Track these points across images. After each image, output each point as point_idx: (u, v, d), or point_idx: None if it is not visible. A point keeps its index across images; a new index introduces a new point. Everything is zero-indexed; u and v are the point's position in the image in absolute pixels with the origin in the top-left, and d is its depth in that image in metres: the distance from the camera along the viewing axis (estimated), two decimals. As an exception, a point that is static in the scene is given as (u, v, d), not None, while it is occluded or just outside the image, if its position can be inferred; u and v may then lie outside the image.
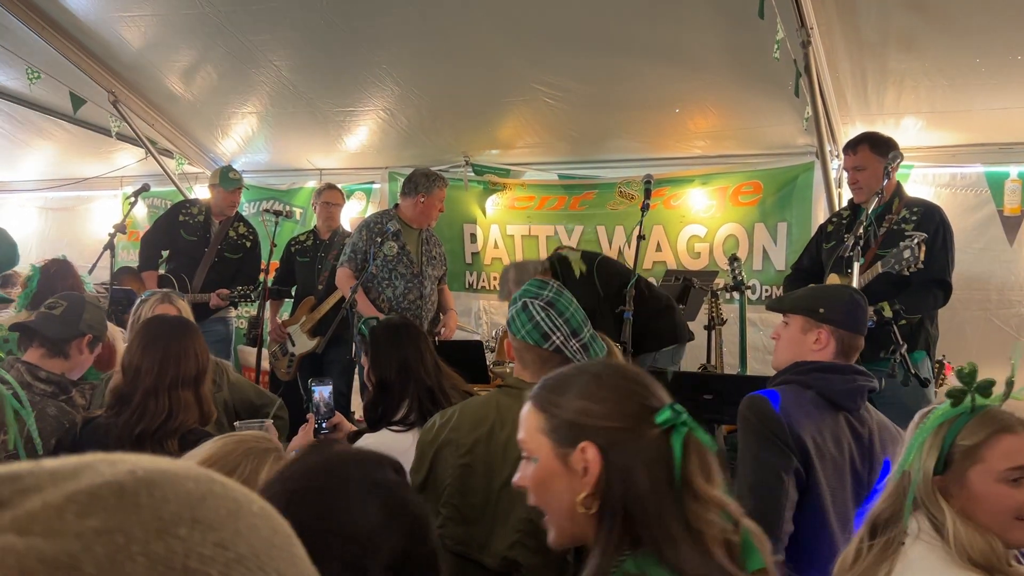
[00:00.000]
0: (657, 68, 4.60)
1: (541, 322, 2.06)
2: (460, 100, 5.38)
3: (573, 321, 2.08)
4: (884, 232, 3.72)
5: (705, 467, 1.25)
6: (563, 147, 5.69)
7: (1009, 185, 4.60)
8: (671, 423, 1.24)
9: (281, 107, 5.74)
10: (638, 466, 1.23)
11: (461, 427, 2.13)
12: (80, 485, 0.42)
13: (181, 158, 6.58)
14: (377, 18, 4.59)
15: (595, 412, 1.29)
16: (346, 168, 6.49)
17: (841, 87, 4.45)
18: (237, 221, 5.38)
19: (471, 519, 2.04)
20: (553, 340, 2.05)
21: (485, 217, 6.12)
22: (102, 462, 0.45)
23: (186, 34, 5.10)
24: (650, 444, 1.25)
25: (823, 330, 2.30)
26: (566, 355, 2.05)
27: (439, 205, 4.67)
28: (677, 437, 1.23)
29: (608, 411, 1.28)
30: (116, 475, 0.43)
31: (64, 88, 5.59)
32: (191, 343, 2.50)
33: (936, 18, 3.80)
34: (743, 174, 5.32)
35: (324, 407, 2.71)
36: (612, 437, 1.26)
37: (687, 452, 1.23)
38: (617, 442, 1.26)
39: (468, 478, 2.06)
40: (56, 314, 2.78)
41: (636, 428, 1.26)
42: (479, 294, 6.15)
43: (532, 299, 2.09)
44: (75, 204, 7.78)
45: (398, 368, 2.70)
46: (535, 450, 1.35)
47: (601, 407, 1.29)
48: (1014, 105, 4.17)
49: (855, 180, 3.88)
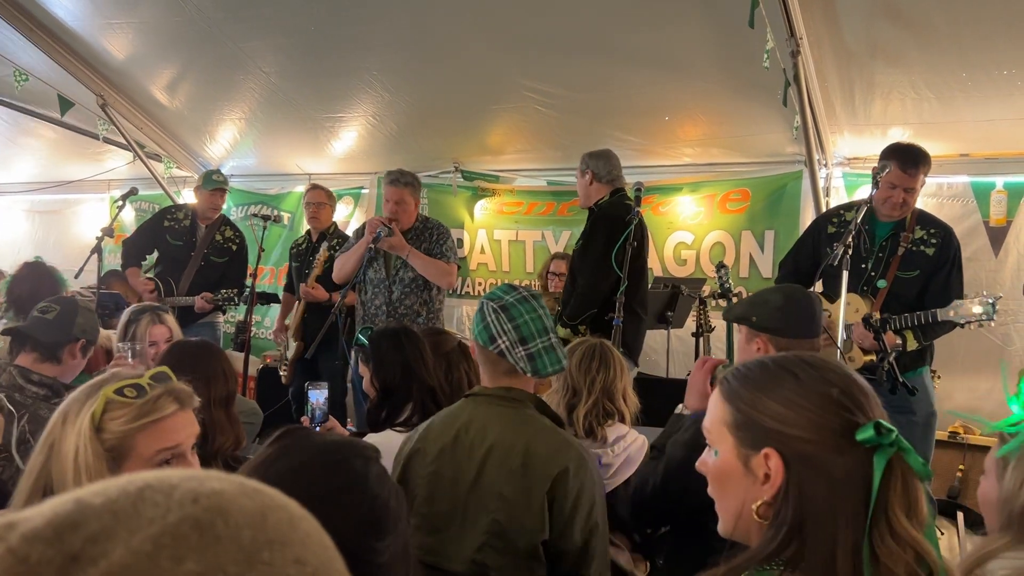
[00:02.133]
0: (647, 76, 4.61)
1: (490, 324, 2.10)
2: (449, 106, 5.38)
3: (524, 328, 2.09)
4: (903, 252, 3.63)
5: (909, 498, 1.12)
6: (552, 153, 5.70)
7: (995, 196, 4.63)
8: (874, 443, 1.11)
9: (270, 112, 5.73)
10: (824, 484, 1.12)
11: (428, 436, 2.17)
12: (156, 526, 0.42)
13: (169, 162, 6.56)
14: (367, 24, 4.58)
15: (789, 420, 1.16)
16: (335, 173, 6.48)
17: (829, 97, 4.48)
18: (224, 225, 5.38)
19: (439, 527, 2.06)
20: (498, 344, 2.09)
21: (472, 222, 6.12)
22: (147, 488, 0.44)
23: (175, 40, 5.08)
24: (846, 463, 1.12)
25: (760, 339, 2.29)
26: (509, 361, 2.09)
27: (388, 202, 4.44)
28: (880, 459, 1.11)
29: (804, 421, 1.16)
30: (184, 507, 0.44)
31: (52, 91, 5.56)
32: (218, 364, 2.53)
33: (922, 33, 3.83)
34: (731, 182, 5.35)
35: (319, 411, 2.78)
36: (802, 449, 1.15)
37: (889, 477, 1.11)
38: (807, 455, 1.14)
39: (435, 486, 2.09)
40: (49, 318, 2.76)
41: (832, 443, 1.14)
42: (464, 299, 6.15)
43: (489, 301, 2.15)
44: (62, 207, 7.74)
45: (401, 372, 2.78)
46: (717, 442, 1.25)
47: (797, 416, 1.16)
48: (1000, 117, 4.21)
49: (904, 201, 3.60)
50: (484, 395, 2.17)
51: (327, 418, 2.82)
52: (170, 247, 5.26)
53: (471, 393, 2.23)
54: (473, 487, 2.04)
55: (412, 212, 4.47)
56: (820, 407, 1.15)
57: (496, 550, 2.00)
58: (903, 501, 1.11)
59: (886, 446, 1.11)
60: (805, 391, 1.17)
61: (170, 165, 6.58)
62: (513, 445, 2.04)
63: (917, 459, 1.12)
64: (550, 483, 2.00)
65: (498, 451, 2.04)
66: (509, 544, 2.00)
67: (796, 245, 4.04)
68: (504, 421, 2.09)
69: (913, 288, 3.63)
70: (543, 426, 2.11)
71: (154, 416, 1.54)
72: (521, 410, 2.12)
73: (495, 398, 2.13)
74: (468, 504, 2.04)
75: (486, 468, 2.04)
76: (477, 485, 2.04)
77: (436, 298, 4.55)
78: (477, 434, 2.08)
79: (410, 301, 4.44)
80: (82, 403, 1.53)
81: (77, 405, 1.53)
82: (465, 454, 2.08)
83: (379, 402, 2.81)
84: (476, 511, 2.03)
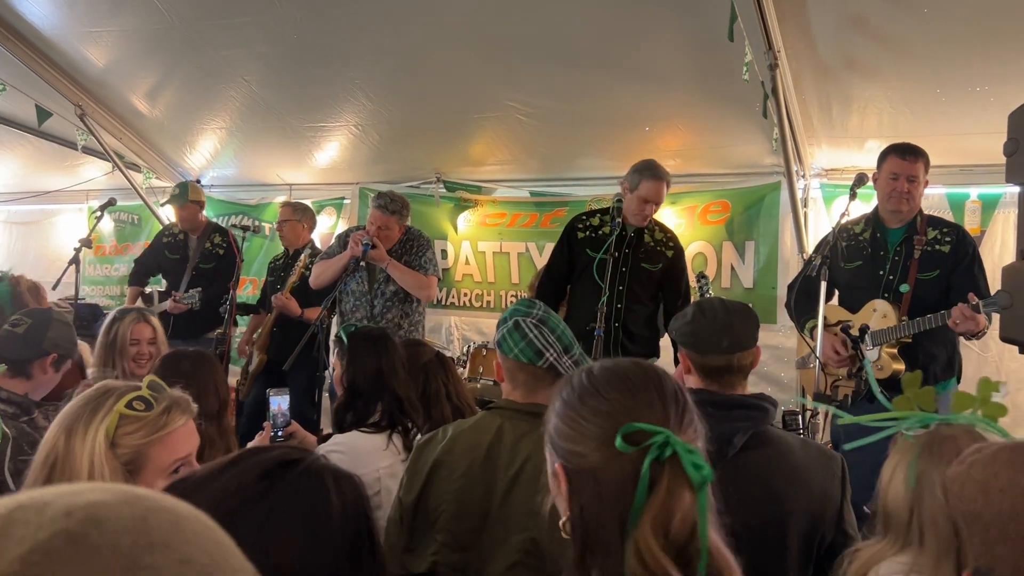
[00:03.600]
0: (628, 87, 4.64)
1: (535, 339, 2.03)
2: (432, 116, 5.38)
3: (564, 338, 2.06)
4: (920, 254, 3.59)
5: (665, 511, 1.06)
6: (534, 164, 5.71)
7: (969, 206, 4.70)
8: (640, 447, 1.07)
9: (251, 122, 5.71)
10: (594, 495, 1.10)
11: (454, 449, 2.09)
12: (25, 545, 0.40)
13: (148, 172, 6.51)
14: (350, 34, 4.58)
15: (562, 432, 1.17)
16: (316, 183, 6.46)
17: (807, 110, 4.52)
18: (214, 232, 5.51)
19: (467, 544, 2.00)
20: (547, 357, 2.03)
21: (456, 233, 6.12)
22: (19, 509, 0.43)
23: (155, 49, 5.05)
24: (618, 471, 1.09)
25: (681, 352, 2.19)
26: (560, 372, 2.03)
27: (372, 224, 4.39)
28: (646, 462, 1.06)
29: (573, 432, 1.15)
30: (56, 522, 0.42)
31: (29, 100, 5.51)
32: (211, 377, 2.50)
33: (897, 49, 3.88)
34: (711, 193, 5.38)
35: (280, 417, 2.77)
36: (576, 462, 1.14)
37: (655, 485, 1.06)
38: (581, 468, 1.13)
39: (464, 502, 2.02)
40: (19, 332, 2.71)
41: (603, 451, 1.11)
42: (449, 310, 6.15)
43: (523, 317, 2.07)
44: (40, 218, 7.66)
45: (373, 376, 2.76)
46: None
47: (567, 427, 1.16)
48: (972, 131, 4.26)
49: (909, 192, 3.56)
50: (513, 409, 2.08)
51: (289, 423, 2.81)
52: (168, 261, 5.54)
53: (496, 406, 2.15)
54: (504, 503, 1.98)
55: (395, 238, 4.46)
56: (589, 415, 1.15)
57: (530, 569, 1.93)
58: (661, 513, 1.05)
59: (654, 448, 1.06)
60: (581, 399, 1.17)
61: (149, 175, 6.54)
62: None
63: (696, 467, 1.06)
64: None
65: (532, 467, 1.96)
66: (544, 564, 1.91)
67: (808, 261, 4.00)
68: (537, 437, 2.04)
69: (936, 289, 3.56)
70: None
71: (168, 429, 1.58)
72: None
73: (526, 414, 2.05)
74: (499, 521, 1.98)
75: (518, 484, 1.98)
76: (508, 501, 1.98)
77: (416, 310, 4.55)
78: (509, 449, 2.02)
79: (391, 315, 4.44)
80: (87, 419, 1.54)
81: (81, 422, 1.54)
82: (497, 470, 2.01)
83: (345, 403, 2.79)
84: (508, 528, 1.96)
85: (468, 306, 6.08)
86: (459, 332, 6.09)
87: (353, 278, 4.44)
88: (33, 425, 2.63)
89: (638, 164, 4.19)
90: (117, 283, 7.26)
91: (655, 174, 4.11)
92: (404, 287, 4.40)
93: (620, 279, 4.13)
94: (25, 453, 2.51)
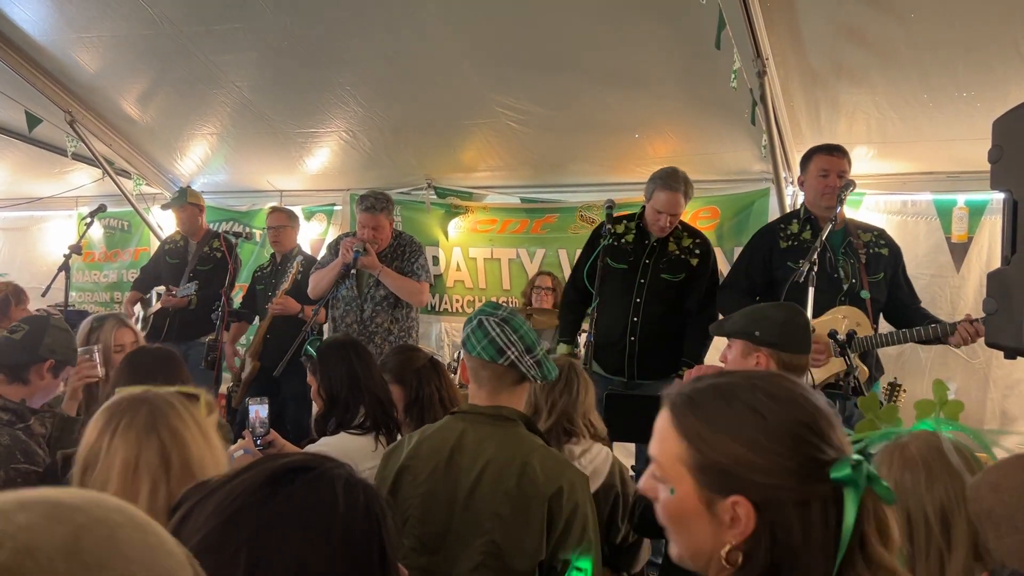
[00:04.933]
0: (617, 94, 4.66)
1: (496, 338, 2.09)
2: (423, 122, 5.39)
3: (527, 338, 2.11)
4: (866, 257, 3.70)
5: (882, 528, 1.08)
6: (525, 171, 5.72)
7: (956, 212, 4.73)
8: (847, 480, 1.05)
9: (241, 127, 5.71)
10: (797, 526, 1.06)
11: (419, 454, 2.14)
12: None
13: (139, 178, 6.49)
14: (341, 40, 4.59)
15: (756, 466, 1.08)
16: (307, 190, 6.46)
17: (796, 116, 4.55)
18: (213, 238, 5.59)
19: (434, 548, 2.04)
20: (508, 355, 2.08)
21: (447, 240, 6.13)
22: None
23: (145, 55, 5.04)
24: (816, 502, 1.06)
25: (761, 353, 2.31)
26: (520, 370, 2.09)
27: (365, 228, 4.42)
28: (852, 496, 1.05)
29: (771, 466, 1.07)
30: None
31: (19, 106, 5.50)
32: (177, 375, 2.54)
33: (885, 56, 3.91)
34: (701, 199, 5.39)
35: (260, 425, 2.79)
36: (772, 495, 1.07)
37: (863, 512, 1.06)
38: (778, 501, 1.07)
39: (429, 507, 2.07)
40: (16, 338, 2.72)
41: (802, 486, 1.07)
42: (441, 316, 6.15)
43: (487, 316, 2.13)
44: (29, 224, 7.62)
45: (348, 381, 2.82)
46: (673, 479, 1.14)
47: (763, 460, 1.08)
48: (960, 137, 4.30)
49: (836, 185, 3.67)
50: (474, 412, 2.14)
51: (268, 431, 2.82)
52: (168, 266, 5.65)
53: (459, 411, 2.21)
54: (467, 506, 2.02)
55: (388, 233, 4.53)
56: (786, 448, 1.08)
57: (492, 570, 1.97)
58: (878, 532, 1.07)
59: (856, 482, 1.06)
60: (771, 432, 1.09)
61: (139, 182, 6.51)
62: (508, 464, 2.03)
63: (883, 484, 1.07)
64: (547, 503, 1.99)
65: (493, 470, 2.02)
66: (506, 565, 1.97)
67: (744, 263, 4.01)
68: (498, 440, 2.08)
69: (883, 291, 3.71)
70: (537, 445, 2.10)
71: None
72: (513, 429, 2.11)
73: (487, 416, 2.11)
74: (463, 524, 2.02)
75: (480, 487, 2.02)
76: (471, 504, 2.02)
77: (408, 315, 4.56)
78: (471, 453, 2.06)
79: (381, 319, 4.45)
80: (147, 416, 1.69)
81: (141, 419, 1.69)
82: (460, 473, 2.05)
83: (326, 411, 2.85)
84: (471, 531, 2.01)
85: (459, 312, 6.08)
86: (449, 338, 6.09)
87: (343, 284, 4.45)
88: (29, 432, 2.62)
89: (657, 172, 4.06)
90: (106, 290, 7.23)
91: (668, 184, 3.96)
92: (397, 294, 4.41)
93: (638, 291, 4.02)
94: (18, 461, 2.50)
